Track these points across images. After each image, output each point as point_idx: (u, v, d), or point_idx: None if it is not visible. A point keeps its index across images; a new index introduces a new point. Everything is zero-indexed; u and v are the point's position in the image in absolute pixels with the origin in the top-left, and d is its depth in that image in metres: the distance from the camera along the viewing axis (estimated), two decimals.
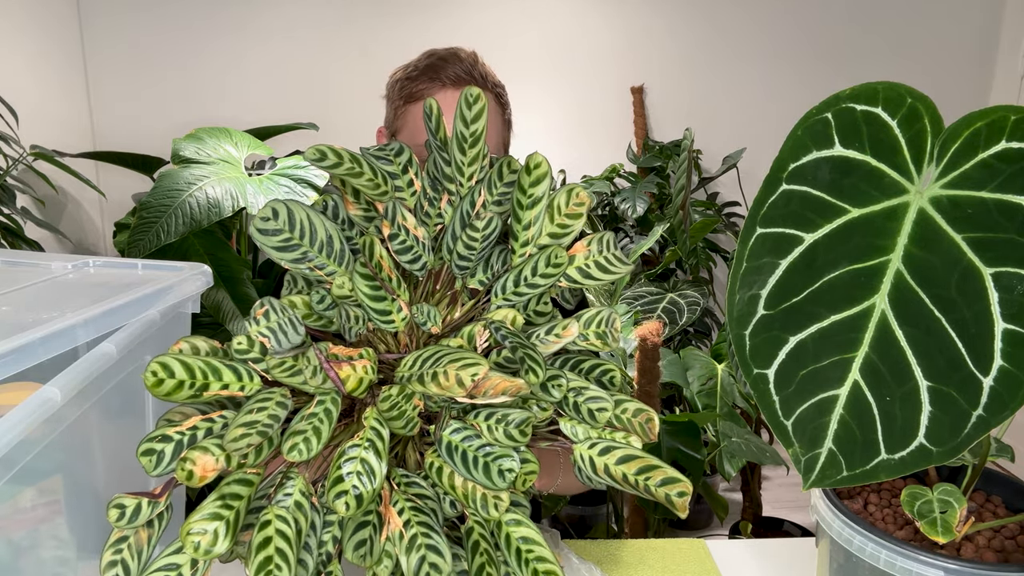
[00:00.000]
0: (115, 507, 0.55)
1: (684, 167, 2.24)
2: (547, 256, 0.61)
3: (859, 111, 0.62)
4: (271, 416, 0.55)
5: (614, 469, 0.59)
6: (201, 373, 0.55)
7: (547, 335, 0.62)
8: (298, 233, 0.59)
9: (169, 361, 0.54)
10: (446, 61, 1.03)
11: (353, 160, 0.62)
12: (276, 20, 2.99)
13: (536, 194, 0.61)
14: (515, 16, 3.05)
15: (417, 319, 0.62)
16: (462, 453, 0.56)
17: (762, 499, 2.34)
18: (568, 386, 0.61)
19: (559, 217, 0.63)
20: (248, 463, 0.54)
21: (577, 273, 0.64)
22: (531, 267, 0.61)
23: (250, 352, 0.58)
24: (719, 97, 3.19)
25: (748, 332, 0.65)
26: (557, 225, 0.63)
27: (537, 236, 0.63)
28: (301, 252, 0.59)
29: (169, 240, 1.84)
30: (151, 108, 3.01)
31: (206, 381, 0.56)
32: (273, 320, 0.59)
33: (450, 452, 0.57)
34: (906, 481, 0.78)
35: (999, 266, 0.57)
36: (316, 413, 0.54)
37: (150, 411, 0.77)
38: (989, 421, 0.56)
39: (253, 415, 0.54)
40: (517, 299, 0.62)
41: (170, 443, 0.56)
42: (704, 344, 2.88)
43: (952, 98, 2.45)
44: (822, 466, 0.62)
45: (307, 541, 0.56)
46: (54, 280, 0.78)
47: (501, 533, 0.58)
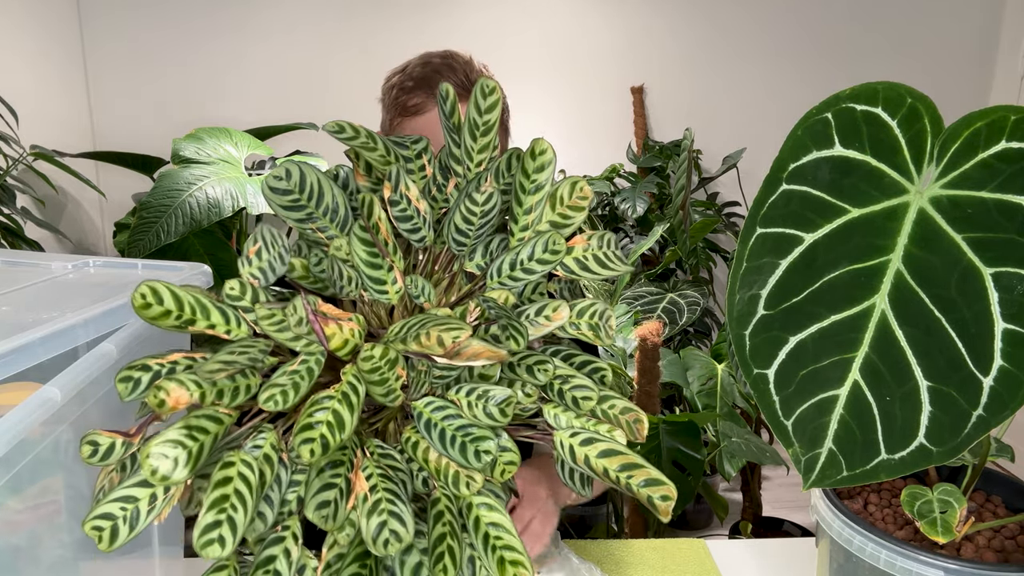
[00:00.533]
0: (88, 443, 0.54)
1: (684, 167, 2.24)
2: (545, 241, 0.60)
3: (859, 111, 0.62)
4: (251, 359, 0.54)
5: (595, 462, 0.58)
6: (190, 308, 0.55)
7: (537, 315, 0.61)
8: (306, 195, 0.60)
9: (160, 288, 0.53)
10: (440, 73, 1.01)
11: (369, 136, 0.63)
12: (276, 20, 2.99)
13: (539, 180, 0.61)
14: (515, 16, 3.05)
15: (411, 291, 0.61)
16: (440, 431, 0.56)
17: (762, 499, 2.34)
18: (555, 372, 0.60)
19: (560, 207, 0.62)
20: (222, 403, 0.53)
21: (575, 264, 0.63)
22: (528, 250, 0.60)
23: (242, 299, 0.58)
24: (719, 97, 3.19)
25: (748, 332, 0.65)
26: (558, 215, 0.63)
27: (537, 223, 0.62)
28: (306, 213, 0.61)
29: (169, 240, 1.84)
30: (151, 108, 3.01)
31: (193, 317, 0.55)
32: (264, 259, 0.59)
33: (428, 428, 0.56)
34: (906, 481, 0.78)
35: (999, 266, 0.57)
36: (298, 370, 0.54)
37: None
38: (989, 421, 0.56)
39: (234, 356, 0.54)
40: (512, 283, 0.62)
41: (148, 372, 0.56)
42: (704, 344, 2.88)
43: (952, 98, 2.44)
44: (822, 466, 0.62)
45: (269, 494, 0.55)
46: (54, 280, 0.78)
47: (471, 515, 0.57)
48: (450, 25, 3.02)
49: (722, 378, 1.94)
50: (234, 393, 0.54)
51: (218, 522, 0.49)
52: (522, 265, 0.61)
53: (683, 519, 2.59)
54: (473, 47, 3.24)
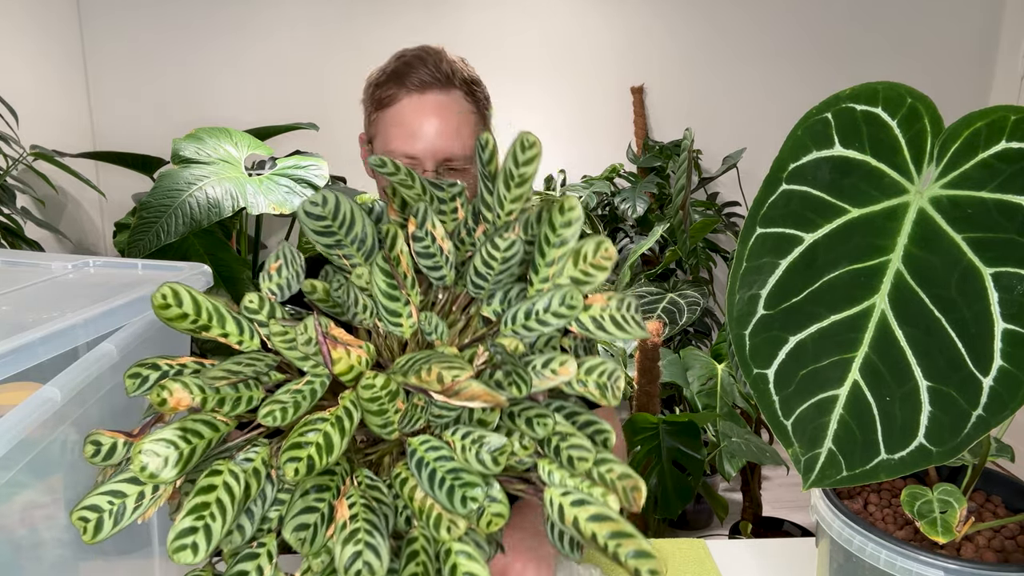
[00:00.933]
0: (91, 443, 0.54)
1: (684, 167, 2.24)
2: (563, 295, 0.59)
3: (859, 111, 0.62)
4: (257, 372, 0.55)
5: (584, 525, 0.56)
6: (207, 313, 0.56)
7: (543, 367, 0.59)
8: (338, 223, 0.61)
9: (181, 291, 0.55)
10: (411, 65, 1.02)
11: (408, 174, 0.65)
12: (276, 20, 2.99)
13: (564, 235, 0.60)
14: (515, 16, 3.05)
15: (424, 327, 0.62)
16: (431, 471, 0.55)
17: (762, 499, 2.34)
18: (554, 428, 0.59)
19: (583, 264, 0.61)
20: (222, 411, 0.54)
21: (590, 322, 0.62)
22: (544, 302, 0.60)
23: (259, 312, 0.59)
24: (719, 97, 3.19)
25: (748, 332, 0.65)
26: (580, 271, 0.61)
27: (558, 276, 0.62)
28: (335, 240, 0.62)
29: (169, 240, 1.84)
30: (151, 108, 3.01)
31: (208, 323, 0.56)
32: (283, 276, 0.60)
33: (419, 466, 0.55)
34: (906, 481, 0.78)
35: (999, 266, 0.57)
36: (301, 390, 0.54)
37: None
38: (989, 421, 0.56)
39: (241, 366, 0.54)
40: (525, 333, 0.61)
41: (157, 371, 0.57)
42: (704, 344, 2.88)
43: (952, 98, 2.45)
44: (822, 466, 0.62)
45: (251, 508, 0.54)
46: (54, 280, 0.78)
47: (447, 561, 0.55)
48: (450, 25, 3.02)
49: (722, 378, 1.95)
50: (235, 403, 0.54)
51: (194, 528, 0.49)
52: (537, 316, 0.60)
53: (683, 519, 2.59)
54: (473, 47, 3.24)
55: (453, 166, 1.03)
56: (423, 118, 1.01)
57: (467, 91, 1.04)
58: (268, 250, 3.05)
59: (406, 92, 1.01)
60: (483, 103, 1.07)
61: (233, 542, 0.54)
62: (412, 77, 1.01)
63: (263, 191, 2.01)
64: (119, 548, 0.77)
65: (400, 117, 1.02)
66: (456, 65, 1.04)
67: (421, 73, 1.01)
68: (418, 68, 1.01)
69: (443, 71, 1.02)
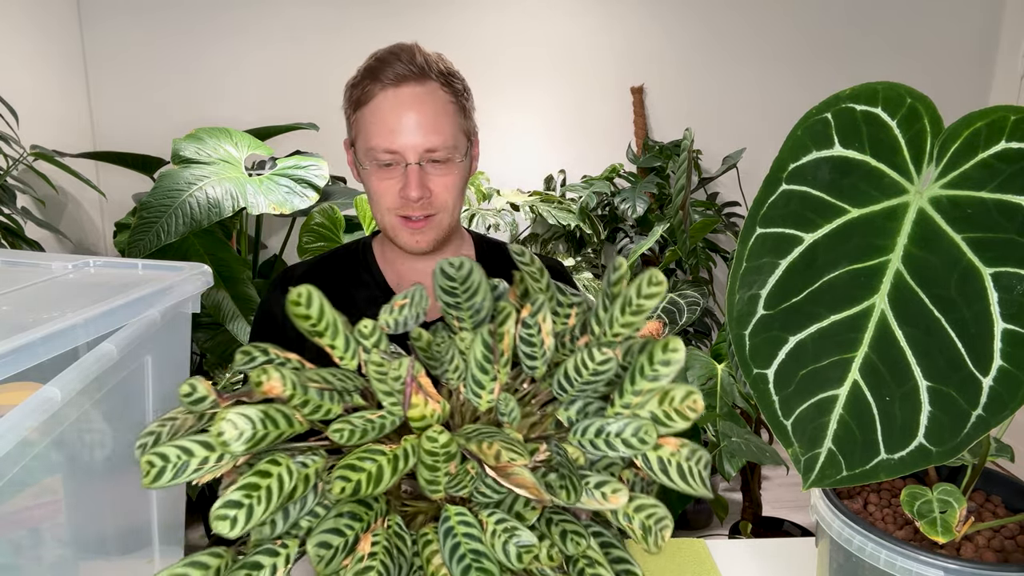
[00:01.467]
0: (188, 384, 0.57)
1: (684, 167, 2.24)
2: (638, 426, 0.59)
3: (859, 111, 0.62)
4: (343, 389, 0.59)
5: None
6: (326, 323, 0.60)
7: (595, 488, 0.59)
8: (464, 287, 0.66)
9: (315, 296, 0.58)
10: (384, 61, 1.01)
11: (541, 270, 0.69)
12: (276, 20, 2.99)
13: (659, 372, 0.59)
14: (515, 16, 3.05)
15: (500, 406, 0.63)
16: (456, 543, 0.55)
17: (762, 499, 2.34)
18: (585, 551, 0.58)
19: (667, 406, 0.60)
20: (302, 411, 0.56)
21: (656, 463, 0.61)
22: (618, 427, 0.59)
23: (368, 339, 0.62)
24: (719, 97, 3.19)
25: (748, 332, 0.65)
26: (662, 410, 0.60)
27: (639, 407, 0.61)
28: (455, 300, 0.66)
29: (169, 240, 1.84)
30: (151, 108, 3.01)
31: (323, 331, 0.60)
32: (403, 314, 0.65)
33: (447, 534, 0.56)
34: (906, 481, 0.78)
35: (999, 266, 0.57)
36: (373, 420, 0.57)
37: (150, 411, 0.77)
38: (989, 421, 0.56)
39: (334, 379, 0.59)
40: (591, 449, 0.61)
41: (265, 356, 0.63)
42: (704, 344, 2.88)
43: (952, 98, 2.45)
44: (822, 466, 0.62)
45: (289, 508, 0.56)
46: (54, 280, 0.78)
47: None
48: (450, 26, 3.03)
49: (722, 378, 1.95)
50: (315, 409, 0.57)
51: (239, 504, 0.51)
52: (607, 437, 0.60)
53: (683, 519, 2.59)
54: (473, 47, 3.24)
55: (436, 157, 1.02)
56: (401, 111, 1.00)
57: (443, 82, 1.03)
58: (268, 250, 3.05)
59: (381, 87, 1.00)
60: (462, 94, 1.06)
61: (262, 533, 0.56)
62: (387, 72, 1.00)
63: (263, 191, 2.01)
64: (119, 548, 0.77)
65: (378, 113, 1.01)
66: (431, 58, 1.03)
67: (396, 67, 1.00)
68: (392, 63, 1.00)
69: (417, 63, 1.01)
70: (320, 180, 2.13)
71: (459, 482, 0.58)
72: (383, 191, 1.04)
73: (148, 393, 0.76)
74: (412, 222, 1.05)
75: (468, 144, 1.08)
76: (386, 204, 1.05)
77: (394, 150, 1.01)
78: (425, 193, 1.02)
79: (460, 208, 1.11)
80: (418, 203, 1.02)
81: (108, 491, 0.73)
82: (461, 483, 0.58)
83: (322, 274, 1.16)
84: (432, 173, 1.03)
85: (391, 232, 1.08)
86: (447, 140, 1.02)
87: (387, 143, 1.00)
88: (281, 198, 2.03)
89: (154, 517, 0.81)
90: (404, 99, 1.00)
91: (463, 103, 1.07)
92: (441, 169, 1.03)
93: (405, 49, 1.03)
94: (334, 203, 2.20)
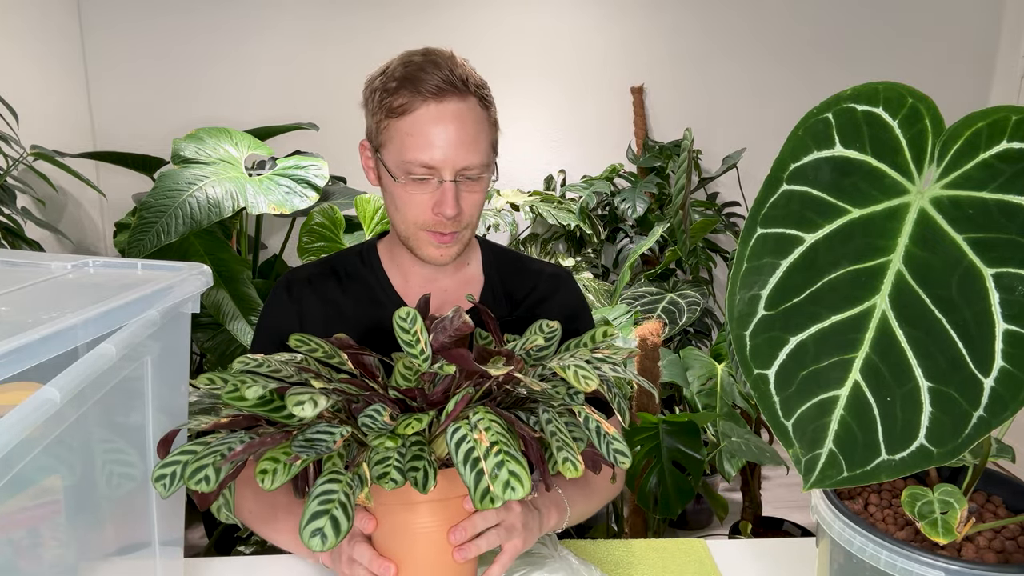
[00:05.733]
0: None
1: (684, 167, 2.24)
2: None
3: (860, 111, 0.62)
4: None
5: None
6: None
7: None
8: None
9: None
10: (424, 71, 0.98)
11: None
12: (276, 20, 2.99)
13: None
14: (515, 16, 3.05)
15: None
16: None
17: (762, 499, 2.34)
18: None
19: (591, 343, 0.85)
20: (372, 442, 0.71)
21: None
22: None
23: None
24: (719, 97, 3.19)
25: (748, 332, 0.65)
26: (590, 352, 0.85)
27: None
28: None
29: (169, 240, 1.84)
30: (151, 108, 3.01)
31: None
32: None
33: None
34: (907, 482, 0.78)
35: (1000, 267, 0.57)
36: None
37: (150, 411, 0.77)
38: (990, 422, 0.56)
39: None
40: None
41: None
42: (704, 344, 2.88)
43: (952, 98, 2.45)
44: (822, 467, 0.62)
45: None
46: (54, 280, 0.77)
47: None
48: (450, 25, 3.02)
49: (722, 378, 1.95)
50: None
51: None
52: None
53: (683, 519, 2.59)
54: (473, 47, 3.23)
55: (470, 175, 1.00)
56: (442, 127, 0.97)
57: (480, 96, 1.01)
58: (268, 250, 3.05)
59: (422, 100, 0.97)
60: (493, 107, 1.04)
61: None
62: (427, 83, 0.97)
63: (263, 191, 2.01)
64: (119, 548, 0.77)
65: (418, 126, 0.98)
66: (467, 70, 1.01)
67: (436, 79, 0.97)
68: (432, 73, 0.97)
69: (459, 76, 0.98)
70: (320, 180, 2.13)
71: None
72: (414, 204, 1.01)
73: (148, 393, 0.76)
74: (441, 236, 1.04)
75: (495, 158, 1.07)
76: (414, 217, 1.02)
77: (432, 166, 0.98)
78: (458, 210, 1.01)
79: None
80: (451, 220, 1.01)
81: (108, 491, 0.73)
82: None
83: (327, 276, 1.15)
84: (464, 190, 1.01)
85: (413, 242, 1.05)
86: (483, 158, 1.00)
87: (424, 158, 0.97)
88: (281, 198, 2.02)
89: (154, 517, 0.81)
90: (447, 115, 0.97)
91: (495, 117, 1.05)
92: (472, 186, 1.01)
93: (446, 58, 1.00)
94: (334, 203, 2.20)
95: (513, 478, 0.64)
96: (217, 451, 0.68)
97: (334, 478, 0.68)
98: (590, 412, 0.76)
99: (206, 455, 0.68)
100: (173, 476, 0.68)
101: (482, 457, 0.66)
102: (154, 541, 0.82)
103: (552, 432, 0.73)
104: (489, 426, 0.68)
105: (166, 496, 0.67)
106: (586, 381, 0.71)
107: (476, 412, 0.70)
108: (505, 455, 0.66)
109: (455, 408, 0.71)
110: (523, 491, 0.64)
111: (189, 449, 0.70)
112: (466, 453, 0.66)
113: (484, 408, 0.71)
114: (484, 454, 0.66)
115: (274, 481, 0.64)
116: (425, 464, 0.69)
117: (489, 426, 0.68)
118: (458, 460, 0.66)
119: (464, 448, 0.67)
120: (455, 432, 0.68)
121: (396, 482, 0.66)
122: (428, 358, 0.76)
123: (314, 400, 0.64)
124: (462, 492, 0.78)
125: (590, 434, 0.75)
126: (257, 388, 0.66)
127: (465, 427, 0.68)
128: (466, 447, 0.67)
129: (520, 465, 0.65)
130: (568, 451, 0.71)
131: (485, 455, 0.66)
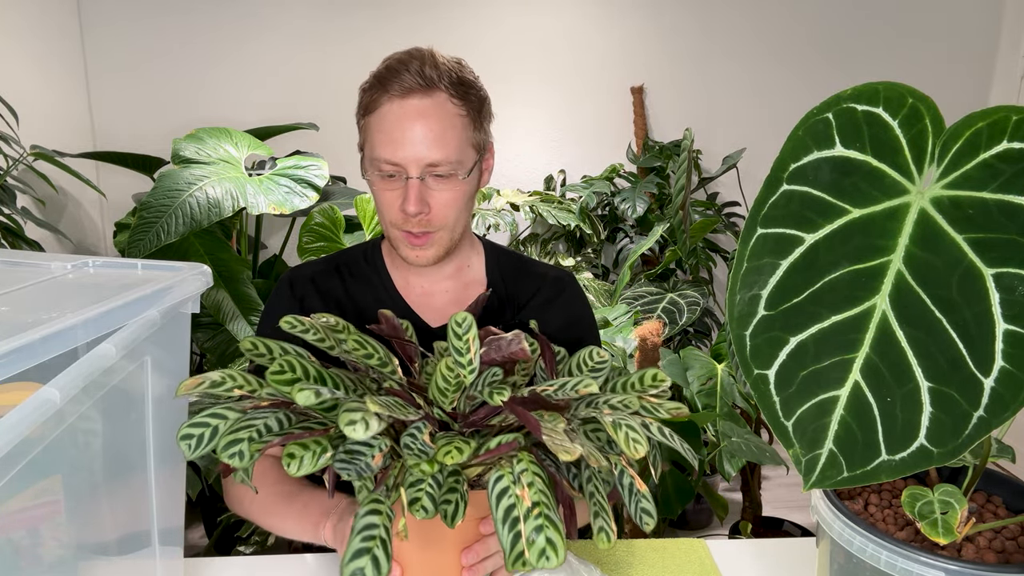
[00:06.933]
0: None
1: (684, 167, 2.24)
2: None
3: (860, 111, 0.62)
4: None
5: None
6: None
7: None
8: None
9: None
10: (394, 70, 0.99)
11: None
12: (276, 20, 2.99)
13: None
14: (515, 16, 3.05)
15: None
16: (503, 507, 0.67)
17: (762, 499, 2.34)
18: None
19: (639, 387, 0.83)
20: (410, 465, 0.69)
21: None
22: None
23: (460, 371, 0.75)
24: (719, 97, 3.19)
25: (749, 332, 0.65)
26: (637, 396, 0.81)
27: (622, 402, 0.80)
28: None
29: (169, 240, 1.84)
30: (151, 108, 3.01)
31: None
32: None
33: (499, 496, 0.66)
34: (907, 482, 0.78)
35: (1000, 267, 0.57)
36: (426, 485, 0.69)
37: (149, 411, 0.77)
38: (990, 422, 0.56)
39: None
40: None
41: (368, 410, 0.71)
42: (704, 344, 2.88)
43: (952, 98, 2.44)
44: (822, 467, 0.62)
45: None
46: (54, 280, 0.77)
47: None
48: (450, 25, 3.02)
49: (722, 378, 1.94)
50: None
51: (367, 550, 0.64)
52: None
53: (683, 519, 2.59)
54: (473, 47, 3.23)
55: (438, 172, 0.99)
56: (405, 124, 0.98)
57: (454, 93, 1.00)
58: (268, 250, 3.05)
59: (388, 97, 0.99)
60: (475, 104, 1.03)
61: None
62: (394, 82, 0.98)
63: (263, 191, 2.01)
64: (119, 548, 0.77)
65: (383, 123, 0.99)
66: (445, 67, 1.00)
67: (404, 78, 0.98)
68: (401, 73, 0.98)
69: (427, 75, 0.98)
70: (320, 180, 2.13)
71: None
72: (386, 203, 1.02)
73: (148, 393, 0.76)
74: (413, 237, 1.03)
75: (478, 157, 1.05)
76: (388, 216, 1.03)
77: (395, 162, 0.99)
78: (424, 208, 1.00)
79: (465, 223, 1.08)
80: (416, 219, 1.00)
81: (108, 491, 0.73)
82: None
83: (331, 274, 1.15)
84: (433, 188, 1.00)
85: (394, 243, 1.06)
86: (451, 155, 0.99)
87: (389, 154, 0.98)
88: (281, 198, 2.02)
89: (154, 517, 0.81)
90: (409, 111, 0.98)
91: (475, 115, 1.03)
92: (443, 184, 1.01)
93: (417, 57, 1.00)
94: (334, 203, 2.20)
95: (549, 547, 0.63)
96: (253, 426, 0.66)
97: (375, 508, 0.66)
98: (625, 467, 0.74)
99: (241, 428, 0.66)
100: (200, 439, 0.66)
101: (522, 518, 0.64)
102: (154, 541, 0.82)
103: (590, 493, 0.72)
104: (532, 481, 0.66)
105: (190, 457, 0.65)
106: (635, 446, 0.68)
107: (520, 461, 0.68)
108: (545, 519, 0.64)
109: (498, 448, 0.69)
110: (557, 561, 0.62)
111: (220, 413, 0.68)
112: (506, 510, 0.65)
113: (528, 457, 0.69)
114: (524, 515, 0.64)
115: (301, 467, 0.62)
116: (458, 497, 0.67)
117: (532, 481, 0.66)
118: (497, 516, 0.64)
119: (505, 504, 0.65)
120: (497, 482, 0.66)
121: (427, 511, 0.65)
122: (475, 370, 0.74)
123: (366, 421, 0.62)
124: (483, 514, 0.78)
125: (622, 490, 0.73)
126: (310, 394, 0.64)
127: (508, 478, 0.67)
128: (507, 502, 0.65)
129: (558, 532, 0.64)
130: (603, 518, 0.69)
131: (525, 516, 0.64)
